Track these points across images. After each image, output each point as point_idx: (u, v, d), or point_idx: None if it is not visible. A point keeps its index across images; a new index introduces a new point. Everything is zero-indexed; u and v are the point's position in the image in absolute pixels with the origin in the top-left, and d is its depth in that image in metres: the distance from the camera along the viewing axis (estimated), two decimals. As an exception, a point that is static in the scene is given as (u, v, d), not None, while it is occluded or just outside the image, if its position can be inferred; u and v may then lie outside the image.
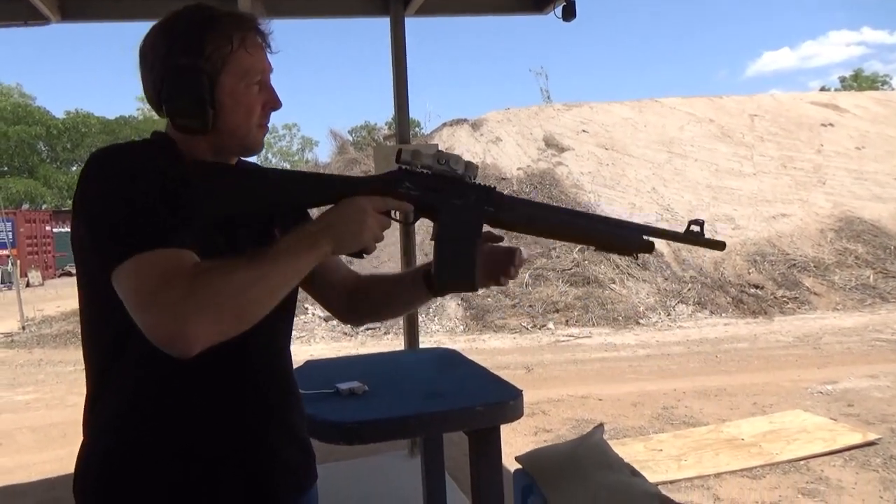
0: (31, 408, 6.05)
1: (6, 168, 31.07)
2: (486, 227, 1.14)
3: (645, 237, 1.18)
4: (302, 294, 1.23)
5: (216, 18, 1.02)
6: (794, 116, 14.19)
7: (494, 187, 1.14)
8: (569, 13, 3.78)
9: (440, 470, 3.01)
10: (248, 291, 0.90)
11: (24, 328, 10.34)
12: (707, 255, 10.48)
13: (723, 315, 9.28)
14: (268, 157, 45.10)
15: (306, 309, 9.09)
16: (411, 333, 3.85)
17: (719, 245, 1.24)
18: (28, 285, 16.64)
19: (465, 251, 1.11)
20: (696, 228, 1.20)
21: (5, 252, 17.10)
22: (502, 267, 1.19)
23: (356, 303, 1.29)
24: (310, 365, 2.81)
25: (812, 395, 5.30)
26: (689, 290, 9.77)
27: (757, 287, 9.80)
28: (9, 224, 17.13)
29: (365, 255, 1.04)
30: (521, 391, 2.29)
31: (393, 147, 3.89)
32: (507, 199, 1.13)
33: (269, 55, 1.07)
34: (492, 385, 2.38)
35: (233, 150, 1.07)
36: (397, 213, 1.08)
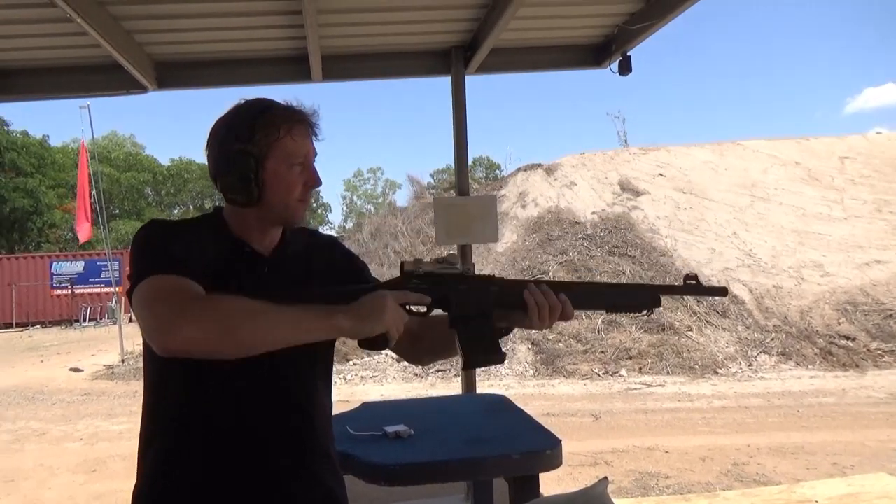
0: (123, 437, 6.49)
1: (117, 211, 33.65)
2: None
3: (652, 294, 1.27)
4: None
5: (268, 110, 1.21)
6: (889, 157, 13.45)
7: (493, 275, 1.27)
8: (625, 68, 3.87)
9: (489, 513, 3.05)
10: (244, 319, 1.05)
11: (123, 361, 11.11)
12: (793, 304, 10.02)
13: (809, 367, 8.80)
14: (353, 200, 46.72)
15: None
16: (469, 377, 3.93)
17: (721, 291, 1.32)
18: (131, 321, 17.85)
19: (482, 328, 1.22)
20: (691, 282, 1.27)
21: (111, 290, 18.46)
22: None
23: (418, 344, 1.36)
24: (365, 407, 2.95)
25: (900, 458, 4.95)
26: (773, 339, 9.34)
27: (848, 338, 9.25)
28: (116, 263, 18.51)
29: (387, 347, 1.16)
30: (560, 441, 2.34)
31: (452, 199, 4.07)
32: (508, 280, 1.25)
33: (315, 142, 1.26)
34: (533, 433, 2.44)
35: (275, 221, 1.25)
36: (413, 307, 1.21)
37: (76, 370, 10.79)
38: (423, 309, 1.22)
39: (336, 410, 1.41)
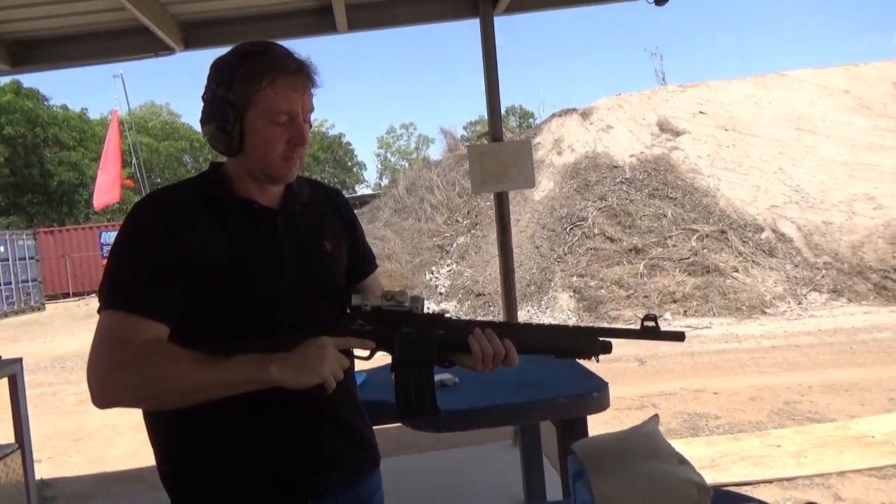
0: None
1: (158, 180, 34.33)
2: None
3: (602, 339, 1.21)
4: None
5: (253, 57, 1.13)
6: (948, 80, 12.70)
7: (443, 313, 1.22)
8: (661, -2, 3.70)
9: (538, 456, 3.08)
10: (171, 388, 1.05)
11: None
12: (844, 239, 9.69)
13: (862, 303, 8.55)
14: (387, 157, 46.66)
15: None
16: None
17: (678, 336, 1.26)
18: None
19: (421, 377, 1.18)
20: (649, 324, 1.20)
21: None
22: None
23: None
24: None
25: (961, 391, 4.80)
26: (824, 276, 9.08)
27: (903, 272, 8.93)
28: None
29: (325, 394, 1.10)
30: (607, 383, 2.32)
31: (486, 146, 3.99)
32: (455, 322, 1.19)
33: (314, 92, 1.17)
34: (579, 377, 2.42)
35: (259, 175, 1.18)
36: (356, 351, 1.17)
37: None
38: (366, 353, 1.18)
39: (377, 363, 1.40)
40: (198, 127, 1.25)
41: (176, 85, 61.22)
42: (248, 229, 1.17)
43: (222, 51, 1.19)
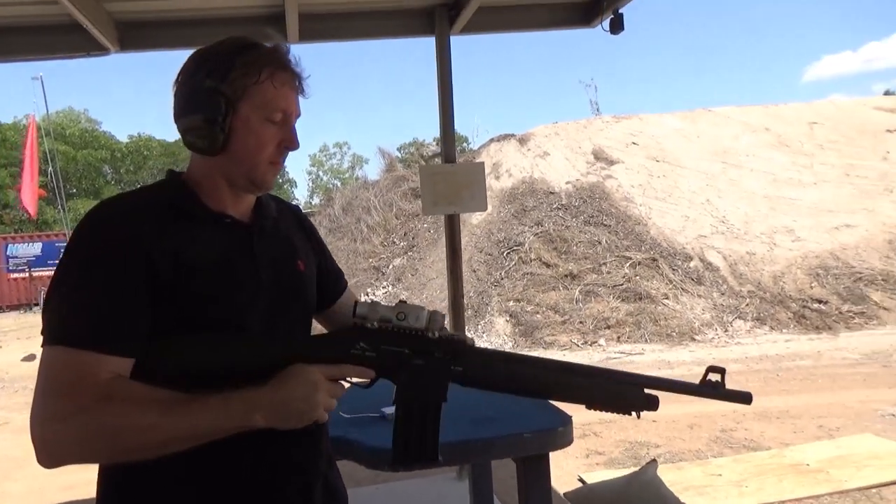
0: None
1: (74, 190, 32.53)
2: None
3: (648, 391, 1.06)
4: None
5: (250, 49, 1.02)
6: (856, 123, 13.62)
7: (464, 340, 1.03)
8: (616, 26, 3.72)
9: (488, 494, 2.95)
10: (135, 443, 0.87)
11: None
12: (766, 269, 10.12)
13: (784, 331, 8.92)
14: (319, 175, 45.98)
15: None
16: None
17: (745, 398, 1.09)
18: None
19: (426, 420, 1.02)
20: (714, 378, 1.05)
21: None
22: None
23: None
24: (354, 389, 2.81)
25: (883, 419, 5.01)
26: (748, 304, 9.44)
27: (820, 302, 9.39)
28: (75, 244, 17.86)
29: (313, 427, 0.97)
30: (571, 417, 2.23)
31: (439, 166, 3.89)
32: (478, 355, 1.03)
33: (300, 99, 1.06)
34: (540, 410, 2.32)
35: (239, 181, 1.04)
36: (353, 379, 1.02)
37: (32, 357, 10.36)
38: (366, 381, 1.02)
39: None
40: (120, 135, 1.08)
41: (96, 92, 58.59)
42: (224, 245, 1.02)
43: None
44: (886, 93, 32.08)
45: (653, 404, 1.05)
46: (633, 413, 1.06)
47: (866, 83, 78.95)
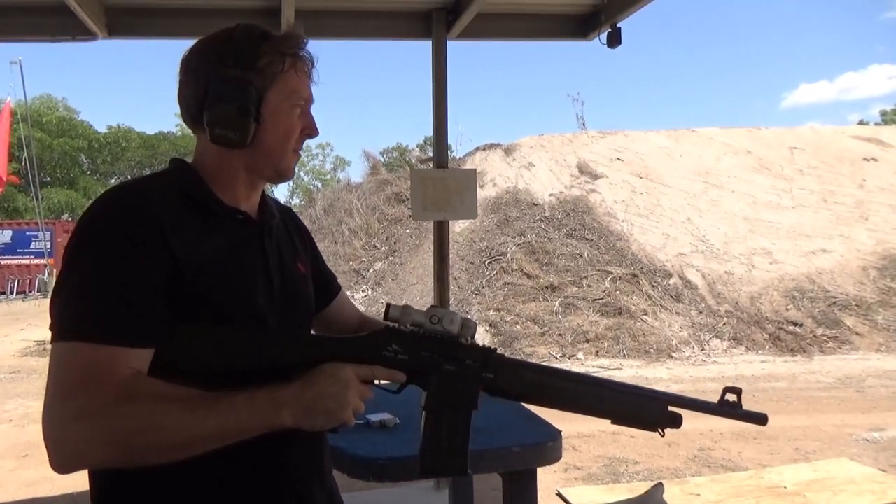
0: (58, 419, 6.04)
1: (49, 179, 31.90)
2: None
3: (672, 409, 1.06)
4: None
5: (273, 35, 1.00)
6: (834, 150, 13.86)
7: (495, 349, 1.03)
8: (614, 40, 3.71)
9: (469, 507, 2.89)
10: (158, 442, 0.82)
11: (56, 337, 10.46)
12: (743, 290, 10.22)
13: (759, 352, 8.99)
14: (300, 176, 45.70)
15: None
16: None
17: (761, 419, 1.12)
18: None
19: (456, 428, 0.99)
20: (731, 397, 1.07)
21: (43, 261, 17.48)
22: None
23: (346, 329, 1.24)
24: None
25: (858, 443, 5.04)
26: (725, 324, 9.51)
27: (795, 324, 9.50)
28: (48, 234, 17.52)
29: (340, 431, 0.93)
30: (560, 432, 2.18)
31: (430, 171, 3.84)
32: (509, 364, 1.02)
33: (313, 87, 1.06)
34: (530, 424, 2.27)
35: (266, 171, 1.02)
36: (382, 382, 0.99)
37: None
38: (395, 385, 1.00)
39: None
40: (99, 125, 1.03)
41: (75, 80, 57.68)
42: (237, 240, 0.98)
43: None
44: (861, 122, 32.87)
45: (677, 422, 1.05)
46: (658, 430, 1.05)
47: (842, 112, 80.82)
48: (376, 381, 0.97)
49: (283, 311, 1.02)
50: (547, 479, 4.19)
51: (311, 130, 1.04)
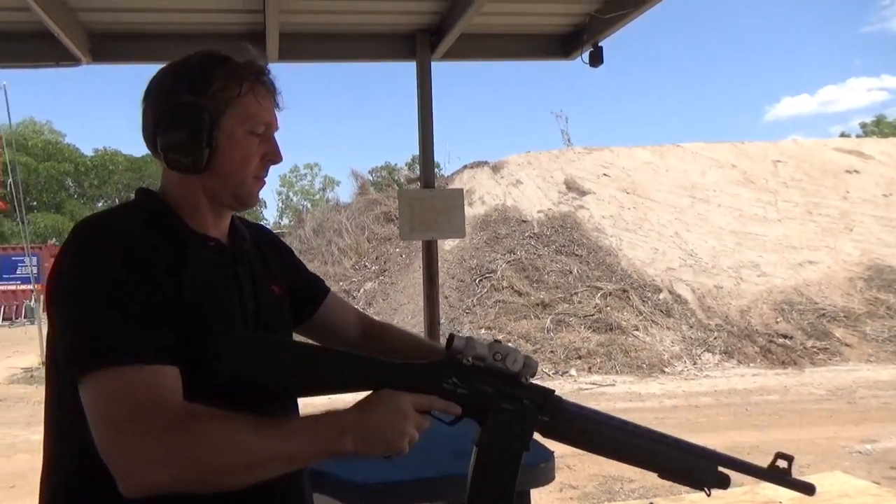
0: (43, 448, 5.94)
1: (35, 203, 31.71)
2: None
3: (721, 469, 1.06)
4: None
5: (229, 61, 0.99)
6: (818, 163, 14.04)
7: (553, 391, 1.02)
8: (596, 59, 3.74)
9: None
10: (233, 462, 0.80)
11: (43, 364, 10.33)
12: (733, 303, 10.26)
13: (751, 365, 9.01)
14: (289, 196, 45.67)
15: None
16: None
17: (808, 489, 1.11)
18: (49, 320, 16.75)
19: (506, 469, 0.99)
20: (783, 464, 1.06)
21: (30, 287, 17.29)
22: None
23: (365, 344, 1.22)
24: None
25: (851, 455, 5.04)
26: (716, 338, 9.53)
27: (785, 337, 9.54)
28: (34, 259, 17.35)
29: (394, 458, 0.92)
30: (553, 453, 2.16)
31: (418, 191, 3.85)
32: (567, 408, 1.01)
33: (277, 113, 1.04)
34: (521, 445, 2.25)
35: (224, 197, 1.00)
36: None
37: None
38: (450, 417, 0.98)
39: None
40: (85, 148, 1.02)
41: (60, 104, 57.57)
42: (210, 268, 0.97)
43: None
44: (842, 134, 33.36)
45: (724, 483, 1.04)
46: (704, 489, 1.05)
47: (823, 125, 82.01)
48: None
49: None
50: (542, 499, 4.16)
51: (273, 156, 1.02)
